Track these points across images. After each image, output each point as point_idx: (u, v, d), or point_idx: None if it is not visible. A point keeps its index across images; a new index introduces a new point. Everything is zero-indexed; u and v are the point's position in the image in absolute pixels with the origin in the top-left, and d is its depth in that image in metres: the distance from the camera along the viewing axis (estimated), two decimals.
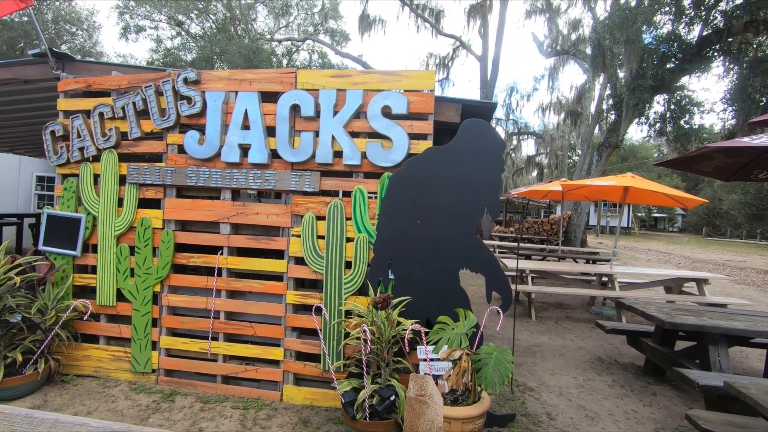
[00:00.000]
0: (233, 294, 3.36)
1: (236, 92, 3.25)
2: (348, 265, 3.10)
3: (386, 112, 3.05)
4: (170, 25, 24.66)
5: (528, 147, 30.48)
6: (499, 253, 10.39)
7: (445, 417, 2.34)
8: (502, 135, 27.18)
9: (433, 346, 2.59)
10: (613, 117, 12.29)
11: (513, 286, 6.47)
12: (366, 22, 21.13)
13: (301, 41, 25.06)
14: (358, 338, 2.75)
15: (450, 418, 2.34)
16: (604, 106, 13.31)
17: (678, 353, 3.79)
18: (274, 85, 3.23)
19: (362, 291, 3.09)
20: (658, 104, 11.66)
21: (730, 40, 10.85)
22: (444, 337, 2.56)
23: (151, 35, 24.69)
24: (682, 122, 11.04)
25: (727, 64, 11.32)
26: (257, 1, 24.88)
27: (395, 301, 2.86)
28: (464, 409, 2.34)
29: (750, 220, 34.58)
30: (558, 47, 17.10)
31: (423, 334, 2.54)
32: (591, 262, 8.75)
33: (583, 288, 6.82)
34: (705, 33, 11.13)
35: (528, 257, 8.92)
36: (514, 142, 28.06)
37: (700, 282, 6.21)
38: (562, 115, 22.69)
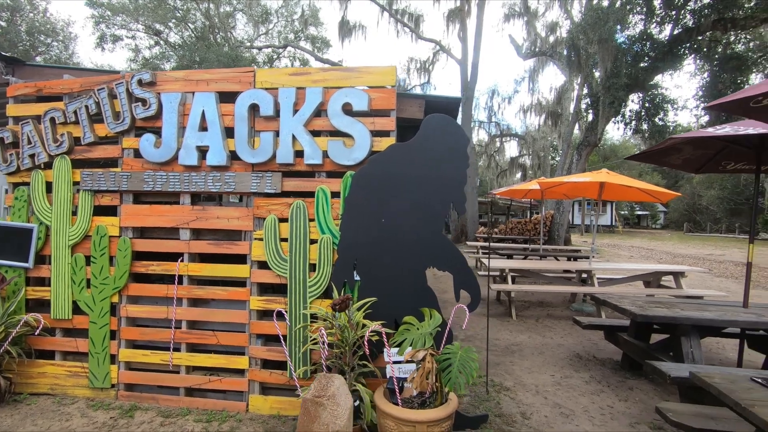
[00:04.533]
0: (195, 302, 3.23)
1: (193, 93, 3.14)
2: (313, 267, 3.00)
3: (347, 110, 2.98)
4: (148, 34, 24.36)
5: (511, 149, 30.76)
6: (483, 253, 10.37)
7: (408, 421, 2.25)
8: (485, 137, 27.41)
9: (397, 348, 2.51)
10: (590, 116, 12.45)
11: (495, 286, 6.45)
12: (346, 28, 21.15)
13: (282, 48, 24.97)
14: (315, 342, 2.65)
15: (414, 422, 2.25)
16: (582, 106, 13.48)
17: (653, 346, 3.76)
18: (232, 85, 3.14)
19: (328, 294, 2.99)
20: (633, 102, 11.86)
21: (699, 38, 11.10)
22: (408, 338, 2.47)
23: (128, 45, 24.35)
24: (656, 119, 11.22)
25: (698, 61, 11.58)
26: (236, 10, 24.74)
27: (359, 303, 2.77)
28: (428, 412, 2.26)
29: (728, 215, 35.40)
30: (536, 49, 17.31)
31: (384, 336, 2.45)
32: (572, 259, 8.78)
33: (562, 285, 6.81)
34: (676, 32, 11.37)
35: (510, 256, 8.91)
36: (497, 144, 28.33)
37: (677, 275, 6.25)
38: (543, 117, 22.99)
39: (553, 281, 7.10)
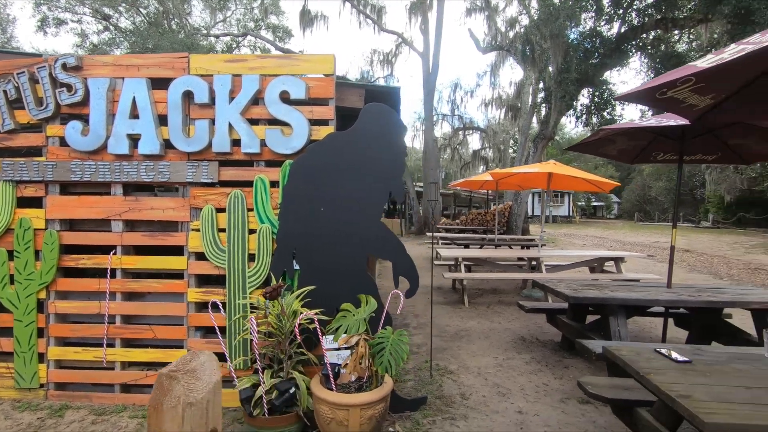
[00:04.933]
0: (131, 296, 3.13)
1: (123, 78, 3.01)
2: (252, 257, 2.98)
3: (285, 98, 2.95)
4: (96, 18, 22.98)
5: (474, 142, 31.39)
6: (442, 244, 10.56)
7: (341, 405, 2.29)
8: (448, 130, 27.80)
9: (333, 335, 2.54)
10: (544, 110, 12.88)
11: (448, 275, 6.60)
12: (307, 18, 20.77)
13: (241, 36, 24.22)
14: (258, 332, 2.64)
15: (347, 405, 2.29)
16: (538, 100, 13.92)
17: (587, 326, 3.99)
18: (165, 71, 3.03)
19: (268, 284, 2.97)
20: (584, 97, 12.36)
21: (644, 36, 11.68)
22: (344, 324, 2.51)
23: (74, 29, 22.89)
24: (605, 113, 11.76)
25: (642, 59, 12.19)
26: None
27: (298, 292, 2.77)
28: (361, 396, 2.30)
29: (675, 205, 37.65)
30: (496, 44, 17.67)
31: (318, 323, 2.47)
32: (525, 248, 9.10)
33: (511, 272, 7.06)
34: (623, 30, 11.92)
35: (467, 246, 9.14)
36: (461, 137, 28.79)
37: (617, 261, 6.63)
38: (503, 110, 23.56)
39: (506, 269, 7.35)
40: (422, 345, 4.44)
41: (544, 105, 13.14)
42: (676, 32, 12.35)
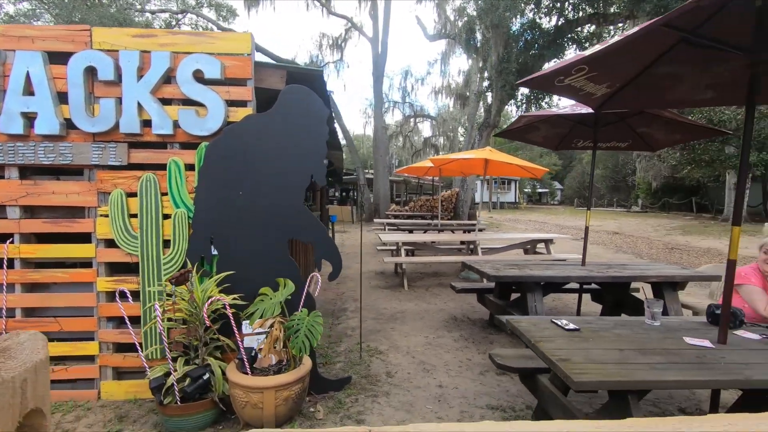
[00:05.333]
0: (33, 287, 2.92)
1: (14, 51, 2.75)
2: (168, 244, 2.86)
3: (199, 77, 2.83)
4: None
5: (425, 129, 31.81)
6: (389, 230, 10.68)
7: (254, 388, 2.29)
8: (399, 118, 27.93)
9: (250, 320, 2.52)
10: (489, 99, 13.26)
11: (388, 259, 6.69)
12: None
13: (180, 14, 22.77)
14: (171, 319, 2.56)
15: (261, 388, 2.29)
16: (483, 89, 14.29)
17: (510, 304, 4.22)
18: (64, 44, 2.80)
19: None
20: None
21: (579, 30, 12.27)
22: (260, 308, 2.49)
23: None
24: (543, 103, 12.30)
25: (577, 52, 12.80)
26: None
27: (215, 277, 2.71)
28: (274, 378, 2.31)
29: (610, 191, 40.34)
30: (445, 32, 17.85)
31: (231, 309, 2.44)
32: (466, 232, 9.43)
33: (449, 255, 7.30)
34: (560, 23, 12.45)
35: (410, 231, 9.31)
36: (412, 124, 29.05)
37: (547, 242, 7.04)
38: (453, 98, 23.99)
39: (447, 253, 7.58)
40: (357, 328, 4.50)
41: (488, 93, 13.52)
42: (610, 28, 13.10)
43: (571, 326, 2.26)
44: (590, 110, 3.90)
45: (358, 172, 17.24)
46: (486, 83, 13.04)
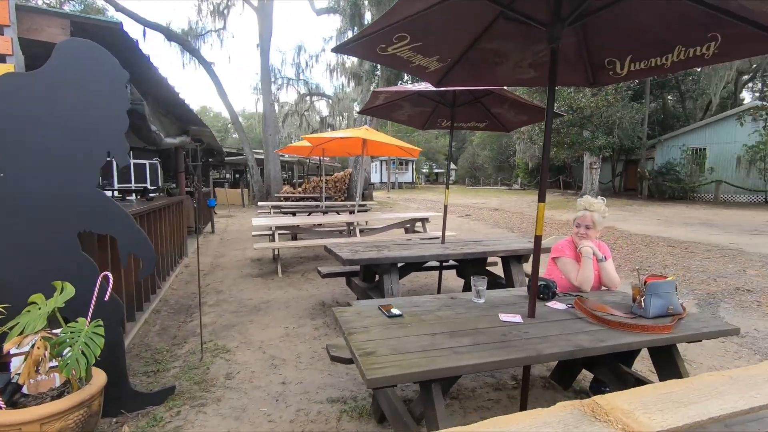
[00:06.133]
0: None
1: None
2: None
3: None
4: None
5: (322, 108, 30.97)
6: (274, 213, 10.11)
7: (8, 425, 1.78)
8: (294, 96, 26.72)
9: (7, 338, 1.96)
10: (376, 78, 13.16)
11: (257, 245, 6.21)
12: None
13: None
14: None
15: (17, 424, 1.79)
16: (372, 67, 14.14)
17: (371, 287, 4.13)
18: None
19: None
20: None
21: None
22: (21, 322, 1.95)
23: None
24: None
25: None
26: None
27: None
28: (38, 409, 1.83)
29: (497, 171, 44.02)
30: (331, 6, 17.22)
31: None
32: (352, 213, 9.31)
33: (330, 238, 7.10)
34: None
35: (294, 214, 8.90)
36: (308, 102, 28.06)
37: (423, 221, 7.21)
38: (348, 77, 23.58)
39: (328, 236, 7.35)
40: (209, 324, 4.05)
41: (377, 73, 13.42)
42: None
43: (396, 312, 2.15)
44: (447, 89, 3.89)
45: (246, 152, 16.06)
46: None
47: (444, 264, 4.62)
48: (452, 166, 59.08)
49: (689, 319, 2.17)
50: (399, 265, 4.15)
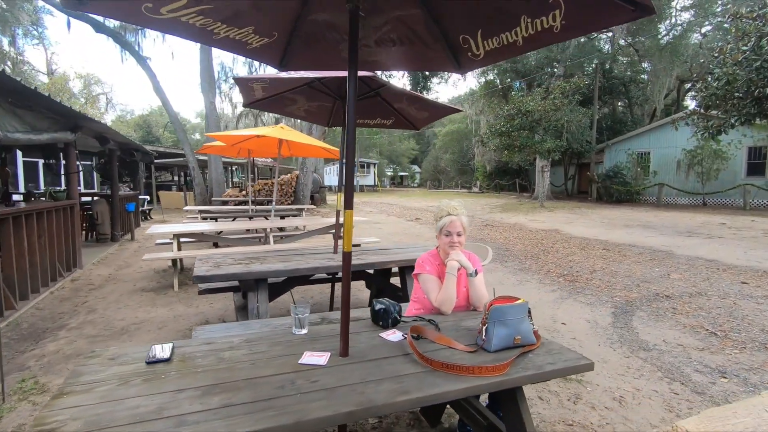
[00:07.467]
0: None
1: None
2: None
3: None
4: None
5: None
6: (202, 218, 9.35)
7: None
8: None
9: None
10: None
11: (147, 256, 5.54)
12: None
13: None
14: None
15: None
16: None
17: (241, 305, 3.60)
18: None
19: None
20: None
21: None
22: None
23: None
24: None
25: None
26: None
27: None
28: None
29: (458, 174, 44.36)
30: None
31: None
32: (283, 218, 8.72)
33: (248, 246, 6.50)
34: None
35: (216, 219, 8.21)
36: None
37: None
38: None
39: (238, 243, 6.74)
40: (49, 355, 3.39)
41: None
42: None
43: (162, 355, 1.65)
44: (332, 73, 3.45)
45: (187, 152, 15.08)
46: None
47: (337, 276, 4.15)
48: (417, 168, 59.31)
49: (540, 351, 1.77)
50: (278, 279, 3.65)
